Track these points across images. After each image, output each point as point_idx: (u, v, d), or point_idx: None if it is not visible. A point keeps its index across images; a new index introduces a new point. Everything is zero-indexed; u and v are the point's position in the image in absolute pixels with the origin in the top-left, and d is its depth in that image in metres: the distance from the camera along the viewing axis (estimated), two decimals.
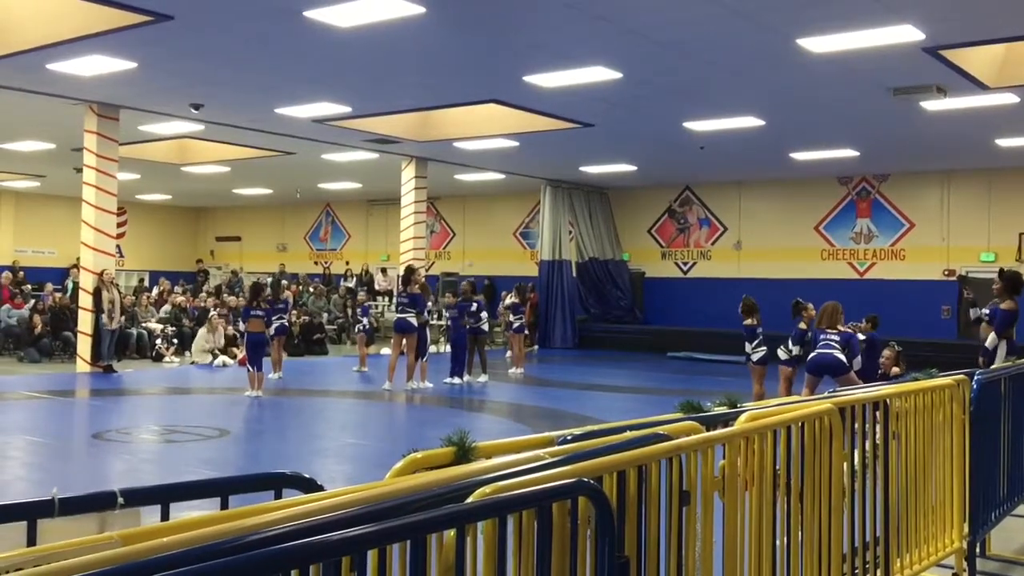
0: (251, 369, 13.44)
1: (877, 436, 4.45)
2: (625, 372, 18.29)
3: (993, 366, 7.58)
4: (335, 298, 25.91)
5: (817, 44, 10.94)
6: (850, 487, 4.15)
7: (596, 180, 24.08)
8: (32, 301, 19.94)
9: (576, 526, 2.39)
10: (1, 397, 13.59)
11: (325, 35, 11.09)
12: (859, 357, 10.30)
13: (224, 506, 2.24)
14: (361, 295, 21.01)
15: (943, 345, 18.40)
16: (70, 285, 22.29)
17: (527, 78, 13.04)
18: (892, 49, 11.00)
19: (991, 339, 9.37)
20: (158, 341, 19.38)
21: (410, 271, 15.34)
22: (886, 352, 11.00)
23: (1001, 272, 9.94)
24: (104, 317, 16.06)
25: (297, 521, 1.86)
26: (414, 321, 14.53)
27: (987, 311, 9.67)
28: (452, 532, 2.11)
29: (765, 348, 11.87)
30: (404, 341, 14.66)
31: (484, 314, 16.27)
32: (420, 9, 10.03)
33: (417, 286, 14.89)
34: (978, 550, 5.43)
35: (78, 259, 18.33)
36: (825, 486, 3.80)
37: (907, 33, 10.43)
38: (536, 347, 23.08)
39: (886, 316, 12.94)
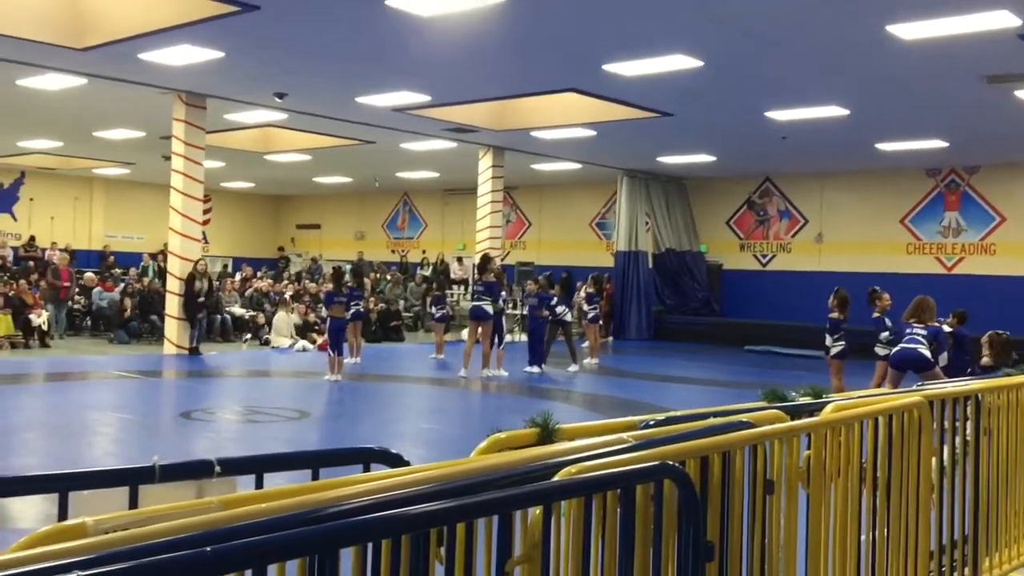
0: (331, 354, 13.67)
1: (968, 432, 4.33)
2: (701, 364, 18.11)
3: None
4: (412, 286, 26.19)
5: (908, 31, 10.63)
6: (939, 483, 4.05)
7: (674, 170, 23.83)
8: (122, 284, 20.61)
9: (661, 510, 2.39)
10: (92, 376, 14.10)
11: (406, 23, 11.19)
12: (945, 353, 10.01)
13: (315, 478, 2.29)
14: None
15: None
16: (151, 268, 23.03)
17: (607, 67, 12.96)
18: (986, 35, 10.63)
19: None
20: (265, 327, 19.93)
21: (486, 259, 15.40)
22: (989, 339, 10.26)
23: None
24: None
25: (386, 493, 1.89)
26: (490, 309, 14.59)
27: None
28: (538, 510, 2.12)
29: (844, 343, 11.63)
30: (480, 329, 14.75)
31: (562, 307, 16.24)
32: None
33: (493, 274, 14.95)
34: None
35: (165, 244, 18.90)
36: (913, 481, 3.71)
37: (1002, 19, 10.06)
38: (611, 338, 22.97)
39: (975, 313, 12.52)
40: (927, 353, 9.65)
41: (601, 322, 18.92)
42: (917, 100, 14.53)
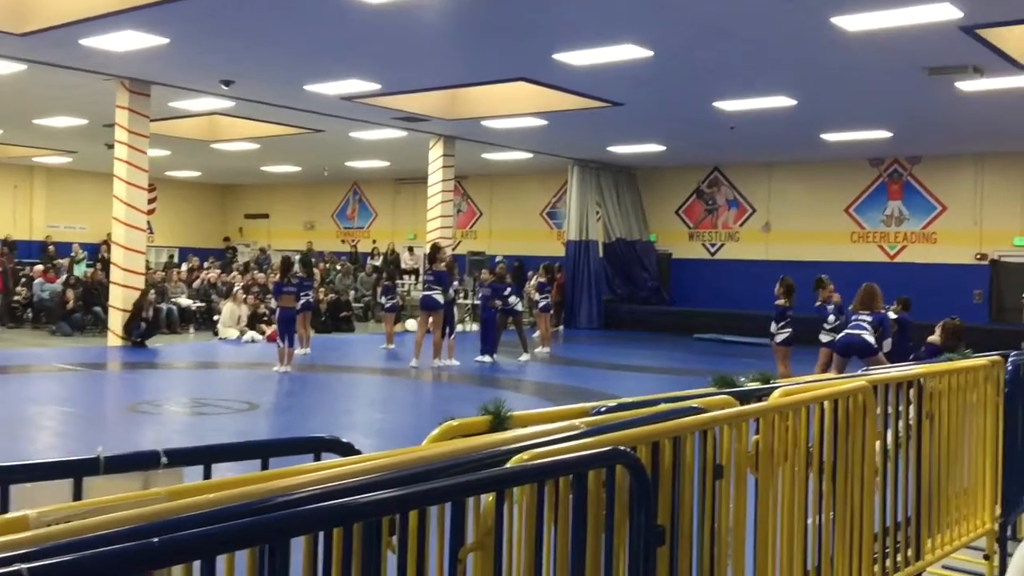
0: (281, 345, 13.54)
1: (910, 416, 4.42)
2: (651, 353, 18.27)
3: None
4: (362, 276, 26.03)
5: (852, 22, 10.79)
6: (883, 466, 4.13)
7: (624, 160, 23.96)
8: (64, 276, 20.19)
9: (613, 495, 2.40)
10: (34, 369, 13.80)
11: (355, 11, 11.08)
12: (889, 339, 10.22)
13: (264, 468, 2.26)
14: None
15: (975, 330, 18.07)
16: (83, 262, 22.55)
17: (557, 56, 12.97)
18: (928, 27, 10.84)
19: None
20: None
21: (436, 249, 15.36)
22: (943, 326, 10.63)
23: None
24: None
25: (337, 482, 1.88)
26: (440, 299, 14.56)
27: None
28: (491, 497, 2.12)
29: (790, 329, 11.81)
30: (431, 319, 14.71)
31: (514, 298, 16.28)
32: None
33: (443, 264, 14.92)
34: (1010, 532, 5.39)
35: (109, 234, 18.54)
36: (857, 465, 3.78)
37: (944, 11, 10.27)
38: (561, 327, 23.05)
39: (917, 300, 12.81)
40: (871, 339, 9.85)
41: (552, 311, 19.00)
42: (861, 91, 14.77)
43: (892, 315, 10.80)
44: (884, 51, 12.04)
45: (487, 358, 15.42)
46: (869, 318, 9.99)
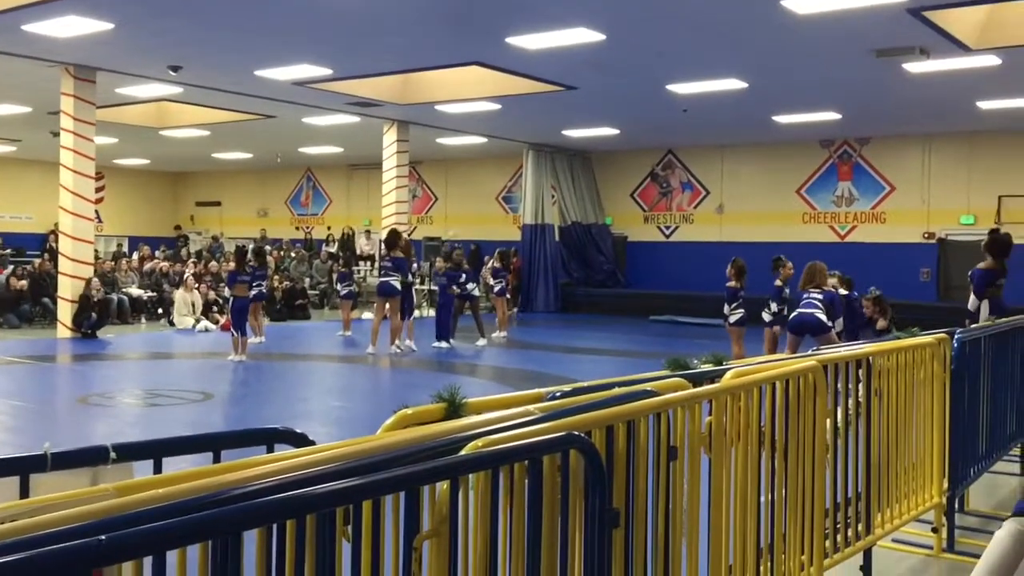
0: (235, 334, 13.41)
1: (860, 394, 4.50)
2: (608, 335, 18.37)
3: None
4: (317, 263, 25.82)
5: (802, 5, 10.89)
6: (833, 444, 4.21)
7: (579, 144, 24.01)
8: (11, 267, 19.76)
9: (567, 479, 2.42)
10: None
11: None
12: (841, 319, 10.39)
13: (216, 460, 2.24)
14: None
15: (923, 307, 18.53)
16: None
17: (510, 40, 12.93)
18: (876, 10, 10.98)
19: (972, 300, 9.44)
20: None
21: (395, 235, 15.28)
22: (864, 302, 11.12)
23: (992, 232, 9.91)
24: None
25: (291, 473, 1.87)
26: (397, 285, 14.50)
27: (970, 273, 9.72)
28: (445, 485, 2.12)
29: (743, 310, 11.95)
30: (388, 305, 14.65)
31: (471, 284, 16.25)
32: None
33: (400, 250, 14.85)
34: (957, 505, 5.52)
35: (56, 224, 18.18)
36: (809, 442, 3.84)
37: None
38: (515, 310, 23.05)
39: (866, 279, 13.03)
40: (823, 317, 9.99)
41: (509, 295, 19.02)
42: (810, 73, 14.94)
43: (843, 291, 10.99)
44: (833, 33, 12.17)
45: (444, 344, 15.40)
46: (820, 296, 10.13)
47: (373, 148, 22.31)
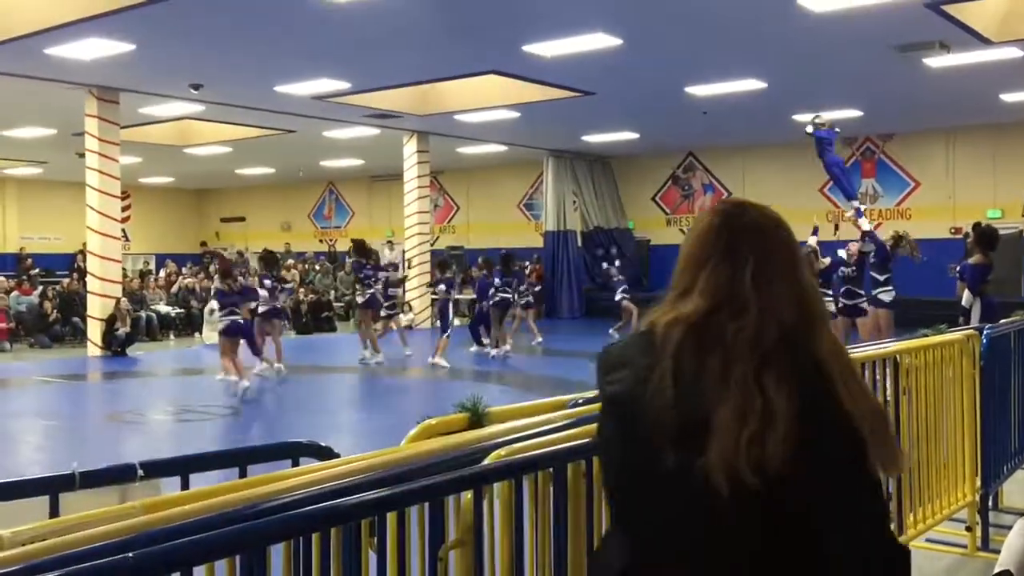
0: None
1: (888, 392, 4.46)
2: None
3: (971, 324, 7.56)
4: (341, 275, 25.94)
5: (818, 3, 10.83)
6: None
7: (598, 149, 23.98)
8: (41, 287, 20.01)
9: (591, 487, 2.41)
10: (13, 383, 13.68)
11: (322, 10, 11.02)
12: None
13: (243, 475, 2.26)
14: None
15: (951, 303, 18.27)
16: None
17: (527, 47, 12.95)
18: (894, 5, 10.89)
19: (967, 297, 9.33)
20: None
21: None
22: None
23: (976, 226, 9.89)
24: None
25: (315, 487, 1.88)
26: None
27: (959, 267, 9.65)
28: (469, 495, 2.13)
29: None
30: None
31: (503, 292, 15.68)
32: None
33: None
34: (991, 503, 5.45)
35: (84, 244, 18.39)
36: None
37: None
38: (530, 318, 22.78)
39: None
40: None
41: (534, 304, 18.90)
42: (830, 71, 14.84)
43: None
44: (851, 30, 12.09)
45: (488, 348, 15.47)
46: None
47: (394, 159, 22.40)
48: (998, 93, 16.45)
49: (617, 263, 20.05)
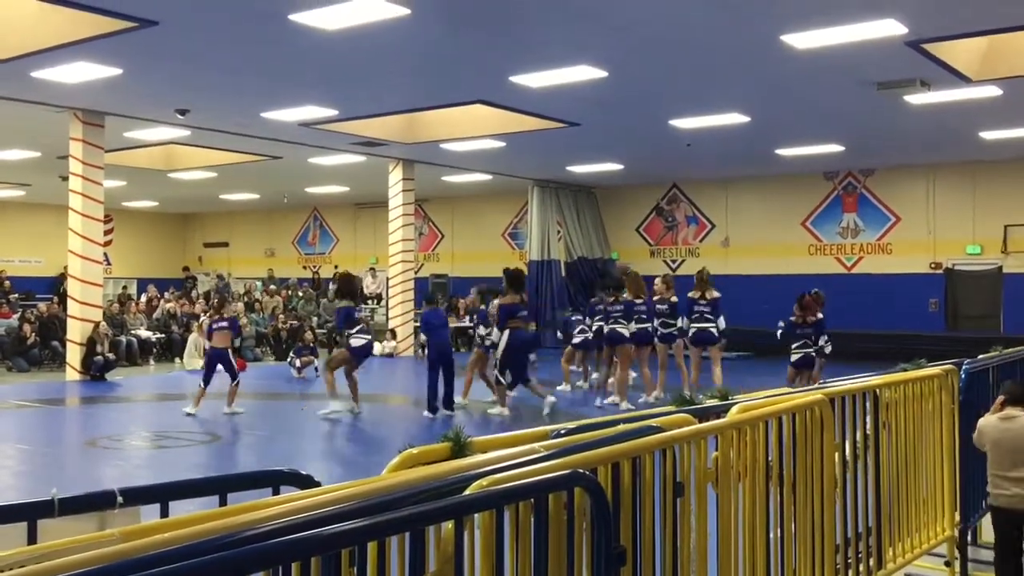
0: (202, 385, 12.43)
1: (867, 426, 4.49)
2: None
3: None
4: (324, 302, 25.87)
5: (801, 40, 10.99)
6: (842, 477, 4.19)
7: (583, 179, 24.12)
8: (20, 311, 19.86)
9: (572, 517, 2.42)
10: None
11: (310, 38, 11.08)
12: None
13: (223, 503, 2.25)
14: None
15: (931, 337, 18.50)
16: None
17: (513, 78, 13.06)
18: (875, 44, 11.06)
19: None
20: None
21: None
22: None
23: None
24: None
25: (296, 516, 1.88)
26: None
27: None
28: (450, 525, 2.13)
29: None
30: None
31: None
32: (405, 11, 10.03)
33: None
34: (970, 538, 5.47)
35: (66, 267, 18.27)
36: (817, 477, 3.83)
37: (890, 27, 10.49)
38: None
39: (873, 310, 13.09)
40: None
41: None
42: (812, 107, 15.03)
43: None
44: (833, 68, 12.27)
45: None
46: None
47: (379, 187, 22.45)
48: (977, 131, 16.69)
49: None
